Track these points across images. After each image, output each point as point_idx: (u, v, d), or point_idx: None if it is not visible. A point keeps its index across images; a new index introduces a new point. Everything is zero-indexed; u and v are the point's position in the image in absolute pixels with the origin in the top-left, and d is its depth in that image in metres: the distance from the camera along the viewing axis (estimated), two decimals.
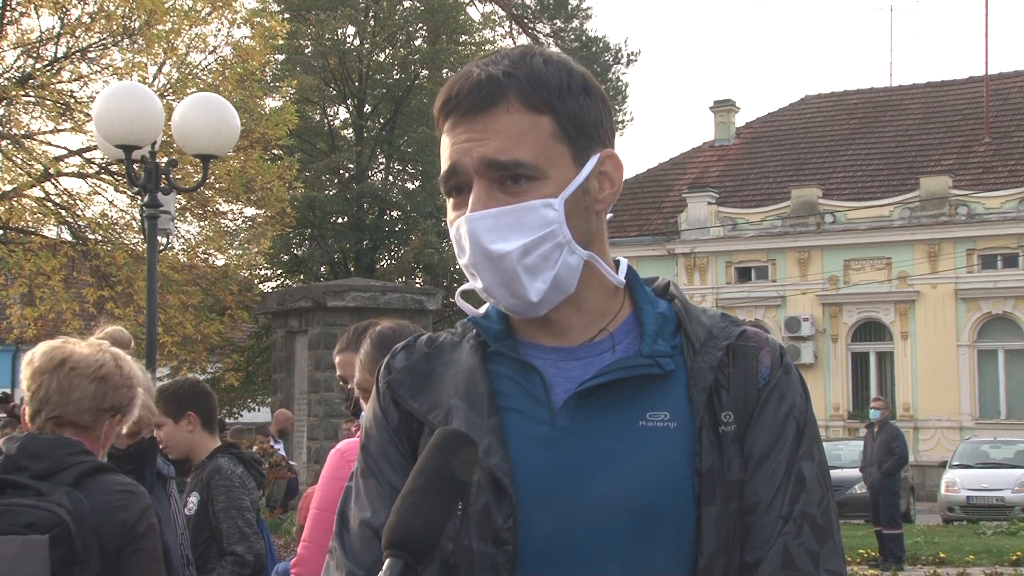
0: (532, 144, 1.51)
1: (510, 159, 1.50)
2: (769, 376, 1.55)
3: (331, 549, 1.61)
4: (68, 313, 17.21)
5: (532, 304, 1.52)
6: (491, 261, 1.50)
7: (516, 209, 1.50)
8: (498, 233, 1.50)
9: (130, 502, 2.64)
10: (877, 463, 13.93)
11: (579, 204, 1.54)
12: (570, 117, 1.54)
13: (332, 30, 29.80)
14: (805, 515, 1.50)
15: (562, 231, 1.51)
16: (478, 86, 1.52)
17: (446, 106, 1.55)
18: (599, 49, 35.17)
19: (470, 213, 1.51)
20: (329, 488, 2.93)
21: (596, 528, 1.47)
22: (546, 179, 1.51)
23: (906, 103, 31.39)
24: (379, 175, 32.32)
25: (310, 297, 15.59)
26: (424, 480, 1.37)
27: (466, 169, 1.52)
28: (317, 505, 2.95)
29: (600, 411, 1.51)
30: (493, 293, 1.53)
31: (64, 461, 2.62)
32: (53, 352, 2.74)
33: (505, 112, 1.51)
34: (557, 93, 1.53)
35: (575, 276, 1.54)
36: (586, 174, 1.55)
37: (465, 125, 1.52)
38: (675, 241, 29.02)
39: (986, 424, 25.35)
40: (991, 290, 25.95)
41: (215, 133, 9.20)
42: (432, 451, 1.40)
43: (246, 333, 28.04)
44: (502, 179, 1.51)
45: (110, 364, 2.75)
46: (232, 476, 4.37)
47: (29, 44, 18.08)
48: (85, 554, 2.52)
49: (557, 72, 1.55)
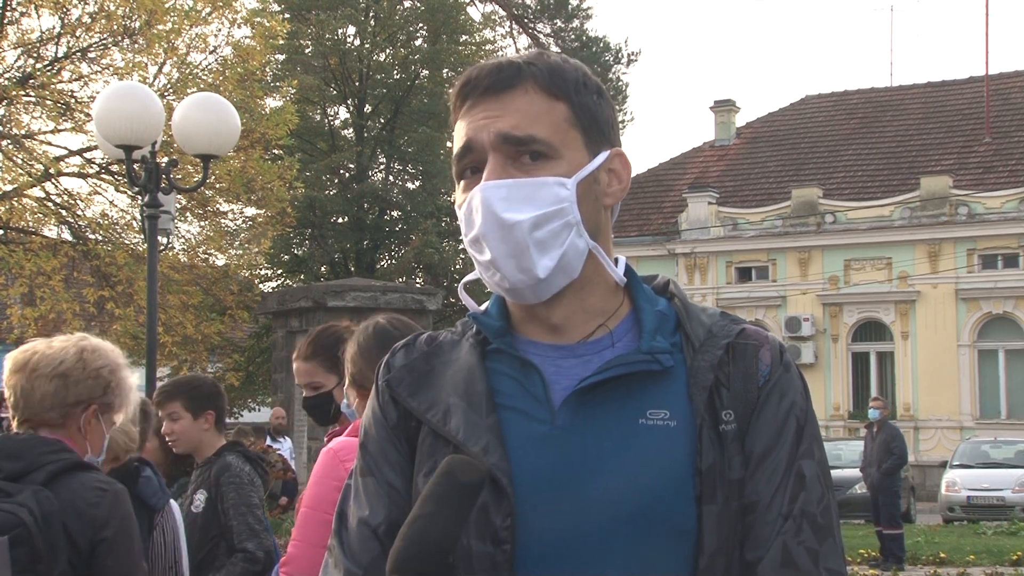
0: (548, 124, 1.55)
1: (526, 134, 1.53)
2: (769, 374, 1.55)
3: (330, 547, 1.61)
4: (68, 313, 17.22)
5: (538, 281, 1.52)
6: (502, 230, 1.51)
7: (530, 183, 1.52)
8: (511, 203, 1.51)
9: (103, 499, 2.65)
10: (877, 463, 13.93)
11: (590, 191, 1.57)
12: (585, 109, 1.58)
13: (332, 30, 29.81)
14: (805, 514, 1.50)
15: (572, 211, 1.53)
16: (499, 68, 1.57)
17: (465, 88, 1.58)
18: (599, 49, 35.17)
19: (485, 182, 1.53)
20: (320, 487, 2.92)
21: (596, 527, 1.47)
22: (560, 159, 1.54)
23: (906, 103, 31.40)
24: (379, 175, 32.32)
25: (310, 297, 15.59)
26: (432, 506, 1.39)
27: (482, 145, 1.54)
28: (307, 504, 2.94)
29: (600, 409, 1.51)
30: (500, 265, 1.53)
31: (39, 460, 2.64)
32: (19, 356, 2.79)
33: (523, 93, 1.55)
34: (574, 85, 1.58)
35: (580, 260, 1.55)
36: (599, 163, 1.58)
37: (483, 104, 1.56)
38: (675, 241, 29.03)
39: (986, 424, 25.35)
40: (991, 290, 25.95)
41: (215, 133, 9.21)
42: (441, 478, 1.41)
43: (246, 333, 28.04)
44: (517, 155, 1.53)
45: (70, 360, 2.76)
46: (241, 473, 4.39)
47: (29, 44, 18.08)
48: (50, 552, 2.53)
49: (575, 70, 1.60)
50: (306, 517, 2.92)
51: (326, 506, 2.86)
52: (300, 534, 2.93)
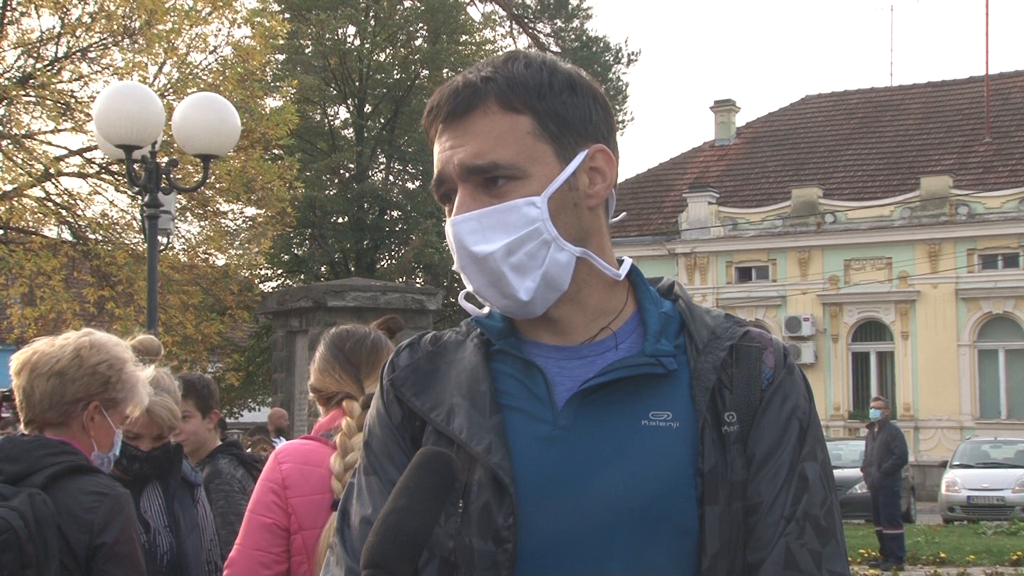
0: (511, 144, 1.52)
1: (487, 162, 1.51)
2: (772, 376, 1.55)
3: (331, 545, 1.62)
4: (68, 313, 17.21)
5: (524, 303, 1.53)
6: (476, 263, 1.52)
7: (497, 210, 1.51)
8: (482, 234, 1.51)
9: (101, 504, 2.62)
10: (877, 463, 13.93)
11: (566, 201, 1.54)
12: (551, 115, 1.54)
13: (332, 30, 29.80)
14: (808, 516, 1.50)
15: (547, 228, 1.52)
16: (456, 92, 1.54)
17: (430, 115, 1.58)
18: (599, 49, 35.16)
19: (454, 217, 1.53)
20: (259, 490, 2.94)
21: (598, 528, 1.47)
22: (528, 178, 1.52)
23: (906, 103, 31.39)
24: (379, 175, 32.33)
25: (310, 297, 15.58)
26: (406, 500, 1.39)
27: (450, 176, 1.54)
28: (248, 507, 2.97)
29: (602, 410, 1.51)
30: (484, 295, 1.55)
31: (40, 463, 2.63)
32: (22, 356, 2.79)
33: (483, 115, 1.53)
34: (536, 92, 1.54)
35: (567, 273, 1.54)
36: (571, 170, 1.55)
37: (449, 132, 1.55)
38: (675, 241, 29.02)
39: (986, 424, 25.34)
40: (991, 290, 25.94)
41: (215, 133, 9.21)
42: (414, 471, 1.41)
43: (246, 333, 28.04)
44: (484, 182, 1.52)
45: (67, 358, 2.75)
46: (232, 480, 4.35)
47: (29, 44, 18.08)
48: (40, 557, 2.52)
49: (538, 72, 1.55)
50: (246, 520, 2.95)
51: (261, 508, 2.90)
52: (240, 537, 2.96)
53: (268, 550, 2.87)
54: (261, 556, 2.88)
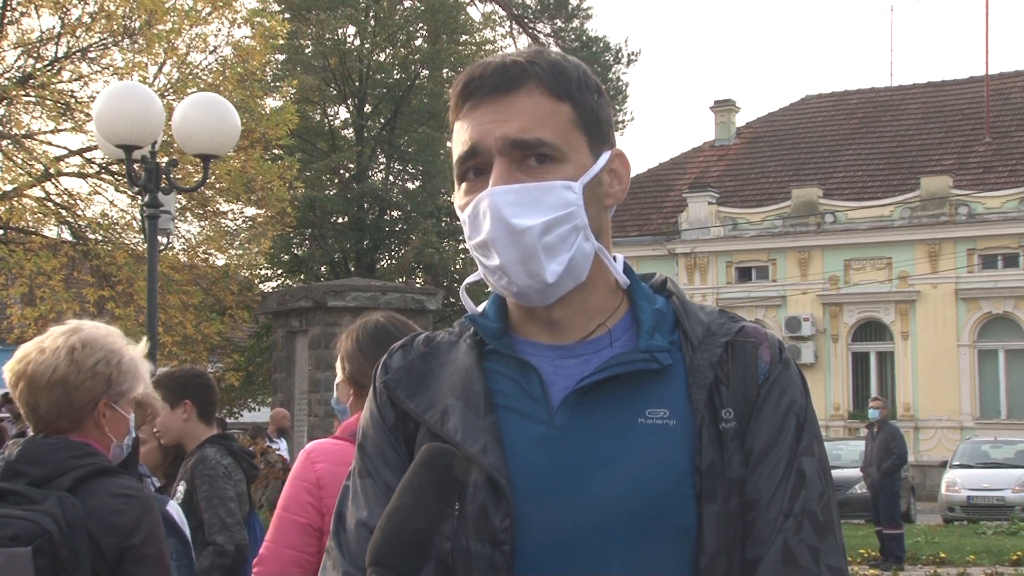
0: (554, 126, 1.53)
1: (534, 137, 1.51)
2: (768, 372, 1.55)
3: (328, 548, 1.61)
4: (68, 313, 17.15)
5: (548, 285, 1.51)
6: (512, 235, 1.50)
7: (538, 187, 1.51)
8: (519, 208, 1.50)
9: (128, 506, 2.60)
10: (877, 463, 13.93)
11: (594, 193, 1.56)
12: (587, 109, 1.57)
13: (332, 30, 29.78)
14: (806, 511, 1.49)
15: (580, 214, 1.52)
16: (503, 68, 1.54)
17: (468, 87, 1.55)
18: (599, 49, 35.13)
19: (493, 187, 1.51)
20: (290, 487, 2.93)
21: (596, 528, 1.46)
22: (567, 162, 1.53)
23: (906, 103, 31.38)
24: (379, 175, 32.29)
25: (310, 297, 15.58)
26: (410, 498, 1.38)
27: (488, 148, 1.52)
28: (280, 505, 2.95)
29: (599, 409, 1.50)
30: (509, 271, 1.51)
31: (65, 465, 2.60)
32: (15, 367, 2.72)
33: (528, 95, 1.53)
34: (576, 85, 1.56)
35: (587, 263, 1.54)
36: (602, 164, 1.57)
37: (487, 106, 1.53)
38: (675, 241, 29.02)
39: (986, 424, 25.34)
40: (991, 290, 25.94)
41: (215, 133, 9.20)
42: (418, 468, 1.40)
43: (246, 333, 28.03)
44: (524, 159, 1.52)
45: (63, 365, 2.68)
46: (216, 466, 4.35)
47: (29, 44, 18.07)
48: (74, 561, 2.49)
49: (575, 68, 1.58)
50: (278, 518, 2.93)
51: (296, 507, 2.88)
52: (272, 535, 2.94)
53: (302, 550, 2.86)
54: (295, 555, 2.87)
